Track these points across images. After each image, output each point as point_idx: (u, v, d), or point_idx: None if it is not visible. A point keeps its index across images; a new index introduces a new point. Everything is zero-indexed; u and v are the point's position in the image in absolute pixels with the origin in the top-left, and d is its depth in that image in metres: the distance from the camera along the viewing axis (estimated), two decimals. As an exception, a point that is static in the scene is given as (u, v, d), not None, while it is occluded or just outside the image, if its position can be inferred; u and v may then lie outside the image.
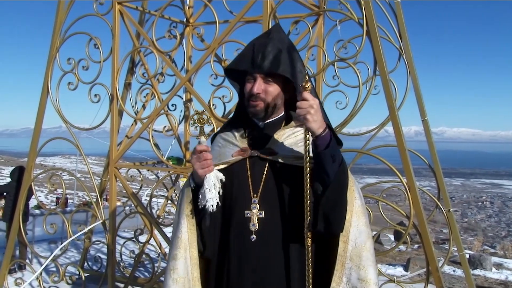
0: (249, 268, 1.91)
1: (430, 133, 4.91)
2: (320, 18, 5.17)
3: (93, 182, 5.00)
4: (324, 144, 1.80)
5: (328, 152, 1.80)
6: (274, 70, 1.91)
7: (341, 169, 1.83)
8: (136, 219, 7.74)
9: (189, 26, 5.39)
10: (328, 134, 1.81)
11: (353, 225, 1.90)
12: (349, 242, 1.89)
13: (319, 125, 1.78)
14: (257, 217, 1.92)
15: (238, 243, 1.93)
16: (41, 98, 5.00)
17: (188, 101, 5.51)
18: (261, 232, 1.91)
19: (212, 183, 1.89)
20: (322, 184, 1.84)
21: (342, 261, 1.89)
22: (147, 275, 6.26)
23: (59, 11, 4.88)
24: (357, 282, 1.87)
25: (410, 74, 4.73)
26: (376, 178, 42.54)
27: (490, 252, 11.50)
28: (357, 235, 1.90)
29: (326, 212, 1.83)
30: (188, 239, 1.98)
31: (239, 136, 2.07)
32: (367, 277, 1.87)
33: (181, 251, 1.98)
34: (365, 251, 1.90)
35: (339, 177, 1.83)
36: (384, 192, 4.70)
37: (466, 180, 72.91)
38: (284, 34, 2.05)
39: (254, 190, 1.95)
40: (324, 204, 1.82)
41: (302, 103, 1.77)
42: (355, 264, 1.88)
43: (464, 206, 47.87)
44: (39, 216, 8.56)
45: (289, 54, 1.95)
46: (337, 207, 1.85)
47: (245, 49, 2.01)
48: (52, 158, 53.20)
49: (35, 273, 5.20)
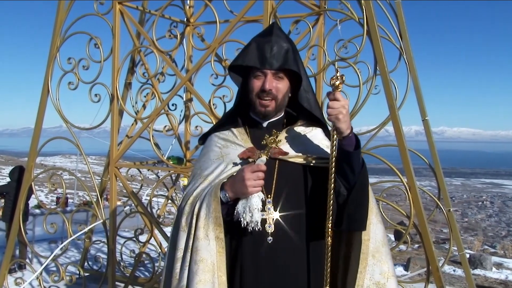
0: (265, 270, 1.87)
1: (430, 133, 4.91)
2: (320, 18, 5.17)
3: (93, 181, 5.00)
4: (350, 145, 1.83)
5: (358, 153, 1.84)
6: (286, 66, 1.91)
7: (364, 169, 1.87)
8: (137, 218, 7.76)
9: (189, 26, 5.39)
10: (353, 135, 1.84)
11: (372, 223, 1.94)
12: (371, 240, 1.93)
13: (347, 126, 1.80)
14: (272, 218, 1.88)
15: (252, 247, 1.87)
16: (41, 97, 5.00)
17: (188, 100, 5.51)
18: (277, 233, 1.87)
19: (260, 203, 1.82)
20: (348, 184, 1.87)
21: (366, 258, 1.92)
22: (147, 275, 6.26)
23: (60, 10, 4.88)
24: (380, 277, 1.91)
25: (410, 73, 4.73)
26: (376, 177, 42.38)
27: (490, 251, 11.51)
28: (376, 232, 1.95)
29: (352, 211, 1.86)
30: (216, 262, 1.84)
31: (240, 136, 2.03)
32: (388, 270, 1.93)
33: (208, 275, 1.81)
34: (384, 246, 1.95)
35: (363, 177, 1.87)
36: (385, 192, 4.70)
37: (466, 180, 72.89)
38: (285, 33, 2.04)
39: (266, 192, 1.89)
40: (350, 203, 1.86)
41: (334, 103, 1.77)
42: (377, 260, 1.93)
43: (464, 206, 47.84)
44: (40, 215, 8.57)
45: (294, 52, 1.95)
46: (362, 206, 1.89)
47: (249, 46, 1.97)
48: (52, 158, 53.19)
49: (35, 272, 5.19)
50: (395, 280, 1.95)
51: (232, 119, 2.08)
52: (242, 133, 2.04)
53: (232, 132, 2.05)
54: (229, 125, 2.08)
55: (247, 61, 1.94)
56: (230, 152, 2.00)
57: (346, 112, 1.78)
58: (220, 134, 2.08)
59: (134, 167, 5.21)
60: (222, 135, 2.07)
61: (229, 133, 2.06)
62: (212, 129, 2.14)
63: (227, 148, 2.02)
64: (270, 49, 1.90)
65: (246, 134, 2.03)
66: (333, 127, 1.81)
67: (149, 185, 7.90)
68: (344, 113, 1.77)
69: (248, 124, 2.05)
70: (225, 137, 2.06)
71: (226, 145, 2.03)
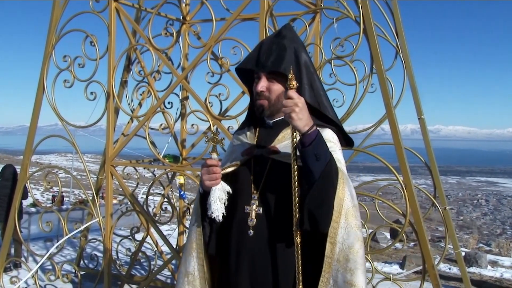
0: (246, 262, 1.95)
1: (426, 131, 4.93)
2: (317, 16, 5.17)
3: (89, 180, 4.99)
4: (307, 142, 1.80)
5: (311, 150, 1.79)
6: (275, 68, 1.93)
7: (327, 168, 1.81)
8: (132, 217, 7.73)
9: (185, 24, 5.38)
10: (314, 132, 1.80)
11: (341, 226, 1.84)
12: (337, 244, 1.84)
13: (304, 123, 1.78)
14: (255, 213, 1.96)
15: (236, 238, 1.98)
16: (36, 95, 4.98)
17: (184, 99, 5.50)
18: (258, 227, 1.94)
19: (217, 196, 1.96)
20: (307, 182, 1.83)
21: (330, 263, 1.84)
22: (143, 273, 6.25)
23: (55, 8, 4.86)
24: (344, 285, 1.82)
25: (406, 72, 4.74)
26: (372, 176, 42.63)
27: (486, 249, 11.57)
28: (345, 237, 1.84)
29: (312, 210, 1.81)
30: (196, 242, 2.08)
31: (250, 135, 2.12)
32: (354, 281, 1.81)
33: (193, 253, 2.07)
34: (352, 254, 1.83)
35: (324, 176, 1.80)
36: (380, 190, 4.72)
37: (462, 178, 73.19)
38: (295, 34, 2.06)
39: (255, 187, 2.00)
40: (309, 202, 1.81)
41: (288, 102, 1.78)
42: (342, 266, 1.83)
43: (459, 204, 48.05)
44: (35, 214, 8.53)
45: (296, 52, 1.96)
46: (323, 206, 1.82)
47: (255, 48, 2.05)
48: (48, 156, 52.99)
49: (30, 271, 5.18)
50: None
51: (248, 119, 2.19)
52: (252, 132, 2.13)
53: (246, 131, 2.16)
54: (246, 125, 2.19)
55: (244, 64, 2.04)
56: (237, 150, 2.13)
57: (300, 109, 1.77)
58: (239, 132, 2.21)
59: (130, 165, 5.20)
60: (239, 134, 2.19)
61: (243, 132, 2.17)
62: (237, 129, 2.27)
63: (237, 146, 2.15)
64: (267, 50, 1.95)
65: (254, 133, 2.12)
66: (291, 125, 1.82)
67: (145, 184, 7.89)
68: (297, 110, 1.76)
69: (259, 124, 2.13)
70: (239, 137, 2.17)
71: (237, 143, 2.16)
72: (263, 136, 2.07)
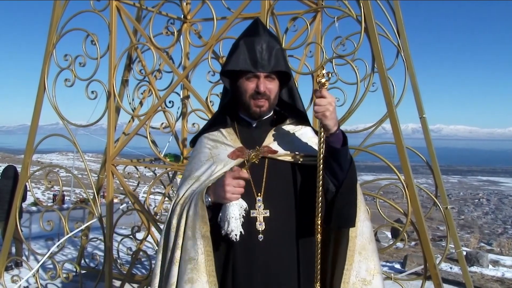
0: (258, 268, 1.88)
1: (428, 131, 4.91)
2: (318, 15, 5.16)
3: (90, 179, 4.99)
4: (337, 142, 1.83)
5: (346, 150, 1.84)
6: (278, 68, 1.94)
7: (352, 166, 1.87)
8: (133, 216, 7.72)
9: (186, 23, 5.37)
10: (340, 132, 1.84)
11: (360, 220, 1.96)
12: (358, 237, 1.95)
13: (334, 122, 1.81)
14: (263, 216, 1.89)
15: (243, 246, 1.86)
16: (37, 94, 4.98)
17: (185, 98, 5.49)
18: (268, 231, 1.88)
19: (238, 212, 1.80)
20: (337, 181, 1.87)
21: (352, 256, 1.94)
22: (144, 272, 6.25)
23: (56, 7, 4.85)
24: (366, 274, 1.94)
25: (408, 71, 4.73)
26: (373, 175, 42.58)
27: (487, 249, 11.54)
28: (363, 229, 1.97)
29: (340, 208, 1.86)
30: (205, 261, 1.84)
31: (229, 136, 2.03)
32: (374, 268, 1.96)
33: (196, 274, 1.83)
34: (370, 243, 1.98)
35: (351, 174, 1.87)
36: (382, 189, 4.71)
37: (463, 177, 73.08)
38: (269, 30, 2.05)
39: (257, 190, 1.92)
40: (339, 200, 1.86)
41: (321, 101, 1.78)
42: (363, 257, 1.95)
43: (461, 203, 47.98)
44: (36, 213, 8.54)
45: (282, 50, 1.98)
46: (351, 203, 1.90)
47: (237, 48, 1.95)
48: (49, 155, 53.06)
49: (32, 270, 5.18)
50: (380, 276, 1.98)
51: (220, 119, 2.08)
52: (231, 133, 2.04)
53: (221, 132, 2.05)
54: (218, 125, 2.08)
55: (240, 65, 1.94)
56: (220, 153, 2.00)
57: (333, 109, 1.79)
58: (209, 135, 2.08)
59: (131, 165, 5.20)
60: (212, 136, 2.07)
61: (218, 133, 2.06)
62: (202, 131, 2.13)
63: (216, 149, 2.02)
64: (261, 51, 1.92)
65: (235, 134, 2.04)
66: (321, 124, 1.82)
67: (146, 183, 7.89)
68: (331, 110, 1.78)
69: (237, 123, 2.06)
70: (214, 138, 2.06)
71: (216, 146, 2.03)
72: (248, 137, 2.00)
